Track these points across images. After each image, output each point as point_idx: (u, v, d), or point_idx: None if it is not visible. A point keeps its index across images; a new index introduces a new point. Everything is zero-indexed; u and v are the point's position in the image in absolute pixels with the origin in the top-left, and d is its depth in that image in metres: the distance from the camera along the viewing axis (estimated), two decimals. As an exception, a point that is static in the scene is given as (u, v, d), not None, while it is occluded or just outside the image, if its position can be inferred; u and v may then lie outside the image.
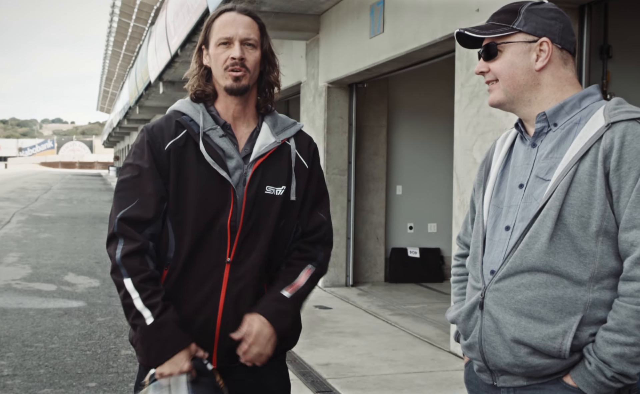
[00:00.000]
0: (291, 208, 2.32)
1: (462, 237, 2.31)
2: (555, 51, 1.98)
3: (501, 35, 2.01)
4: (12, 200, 26.03)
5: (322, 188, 2.44)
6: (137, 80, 23.83)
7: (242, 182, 2.25)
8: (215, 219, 2.22)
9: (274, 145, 2.30)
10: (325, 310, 8.14)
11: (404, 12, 7.09)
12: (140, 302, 2.14)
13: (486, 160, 2.20)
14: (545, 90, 2.00)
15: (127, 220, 2.21)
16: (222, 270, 2.23)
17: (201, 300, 2.23)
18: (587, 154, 1.85)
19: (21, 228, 16.58)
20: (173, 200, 2.24)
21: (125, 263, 2.17)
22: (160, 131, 2.27)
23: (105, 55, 42.87)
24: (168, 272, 2.25)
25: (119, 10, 27.46)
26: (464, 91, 5.88)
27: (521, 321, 1.89)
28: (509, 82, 2.01)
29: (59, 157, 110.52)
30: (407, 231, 10.33)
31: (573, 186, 1.85)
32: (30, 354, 6.04)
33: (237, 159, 2.27)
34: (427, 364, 6.02)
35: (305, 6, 9.04)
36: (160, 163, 2.24)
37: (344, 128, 9.59)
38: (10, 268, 10.62)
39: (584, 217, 1.84)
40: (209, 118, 2.30)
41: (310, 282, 2.32)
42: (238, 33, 2.26)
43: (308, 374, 5.66)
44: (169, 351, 2.13)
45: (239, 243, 2.23)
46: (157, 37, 16.80)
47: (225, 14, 2.31)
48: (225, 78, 2.26)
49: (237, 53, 2.24)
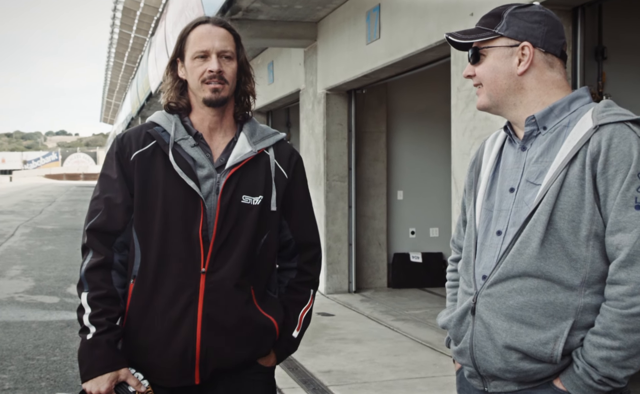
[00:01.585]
0: (271, 219, 2.31)
1: (456, 241, 2.30)
2: (538, 55, 1.98)
3: (484, 40, 2.01)
4: (17, 213, 26.07)
5: (308, 198, 2.46)
6: (139, 90, 23.92)
7: (214, 191, 2.24)
8: (184, 230, 2.21)
9: (249, 154, 2.29)
10: (327, 317, 8.14)
11: (399, 17, 7.09)
12: (87, 318, 2.18)
13: (475, 161, 2.19)
14: (530, 93, 1.99)
15: (94, 231, 2.24)
16: (198, 281, 2.21)
17: (179, 312, 2.21)
18: (576, 157, 1.85)
19: (25, 240, 16.61)
20: (138, 211, 2.25)
21: (88, 277, 2.22)
22: (129, 141, 2.29)
23: (107, 67, 42.95)
24: (135, 285, 2.24)
25: (119, 22, 27.50)
26: (460, 95, 5.89)
27: (513, 326, 1.89)
28: (492, 87, 2.02)
29: (63, 169, 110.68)
30: (409, 237, 10.32)
31: (563, 190, 1.85)
32: (32, 367, 6.05)
33: (208, 168, 2.26)
34: (429, 369, 6.01)
35: (302, 14, 9.06)
36: (127, 174, 2.25)
37: (343, 134, 9.59)
38: (13, 281, 10.64)
39: (575, 221, 1.84)
40: (182, 128, 2.29)
41: (312, 304, 2.44)
42: (215, 46, 2.26)
43: (310, 381, 5.65)
44: (96, 370, 2.15)
45: (213, 253, 2.21)
46: (157, 48, 16.86)
47: (200, 26, 2.30)
48: (203, 90, 2.26)
49: (215, 66, 2.24)
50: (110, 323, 2.18)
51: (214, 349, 2.21)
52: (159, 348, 2.21)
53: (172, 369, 2.21)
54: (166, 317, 2.21)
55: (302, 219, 2.41)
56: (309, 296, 2.41)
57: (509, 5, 2.04)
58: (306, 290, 2.41)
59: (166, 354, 2.21)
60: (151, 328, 2.22)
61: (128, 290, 2.25)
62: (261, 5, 8.43)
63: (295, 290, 2.39)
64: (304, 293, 2.40)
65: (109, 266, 2.22)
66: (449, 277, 2.33)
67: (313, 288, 2.43)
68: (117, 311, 2.21)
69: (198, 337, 2.20)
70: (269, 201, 2.30)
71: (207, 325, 2.20)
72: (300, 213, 2.41)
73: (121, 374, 2.17)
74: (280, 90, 11.52)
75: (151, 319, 2.22)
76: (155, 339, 2.21)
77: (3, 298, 9.27)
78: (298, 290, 2.40)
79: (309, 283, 2.41)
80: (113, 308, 2.20)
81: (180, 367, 2.21)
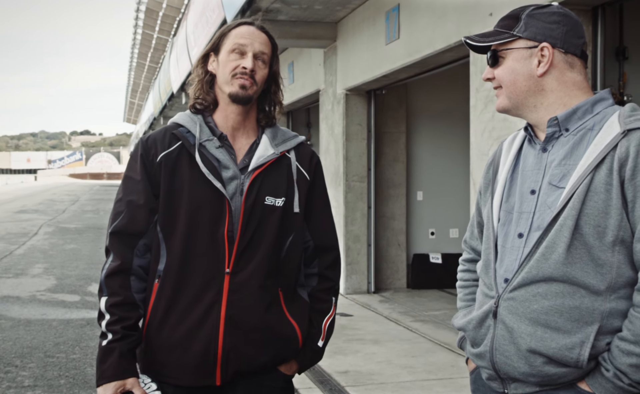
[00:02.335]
0: (295, 220, 2.33)
1: (469, 241, 2.28)
2: (557, 55, 1.95)
3: (502, 42, 1.99)
4: (40, 212, 26.37)
5: (327, 200, 2.47)
6: (161, 91, 24.08)
7: (239, 192, 2.25)
8: (211, 230, 2.23)
9: (272, 156, 2.31)
10: (346, 317, 8.13)
11: (418, 17, 7.07)
12: (105, 325, 2.21)
13: (493, 162, 2.17)
14: (550, 95, 1.97)
15: (117, 233, 2.26)
16: (222, 281, 2.23)
17: (202, 312, 2.22)
18: (603, 162, 1.83)
19: (48, 239, 16.79)
20: (164, 211, 2.26)
21: (107, 282, 2.24)
22: (154, 143, 2.30)
23: (130, 67, 43.31)
24: (160, 284, 2.26)
25: (142, 23, 27.73)
26: (479, 96, 5.85)
27: (537, 330, 1.87)
28: (512, 89, 2.00)
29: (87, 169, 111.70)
30: (428, 237, 10.29)
31: (589, 195, 1.83)
32: (51, 365, 6.11)
33: (233, 169, 2.27)
34: (447, 371, 5.98)
35: (322, 14, 9.07)
36: (152, 175, 2.27)
37: (363, 135, 9.58)
38: (35, 280, 10.76)
39: (601, 227, 1.82)
40: (206, 129, 2.31)
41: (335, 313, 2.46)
42: (254, 46, 2.29)
43: (326, 382, 5.65)
44: (106, 377, 2.19)
45: (237, 254, 2.23)
46: (178, 48, 16.96)
47: (243, 26, 2.33)
48: (231, 84, 2.28)
49: (249, 64, 2.27)
50: (125, 331, 2.20)
51: (235, 350, 2.22)
52: (181, 347, 2.22)
53: (193, 369, 2.22)
54: (189, 316, 2.22)
55: (321, 221, 2.42)
56: (332, 305, 2.42)
57: (527, 6, 2.01)
58: (329, 299, 2.42)
59: (188, 353, 2.22)
60: (174, 327, 2.24)
61: (149, 294, 2.27)
62: (281, 6, 8.44)
63: (317, 299, 2.40)
64: (326, 301, 2.41)
65: (127, 271, 2.24)
66: (460, 277, 2.31)
67: (334, 296, 2.44)
68: (134, 318, 2.23)
69: (220, 338, 2.21)
70: (292, 202, 2.31)
71: (229, 326, 2.21)
72: (320, 216, 2.42)
73: (127, 384, 2.20)
74: (301, 90, 11.54)
75: (174, 318, 2.23)
76: (177, 338, 2.23)
77: (25, 296, 9.38)
78: (321, 299, 2.41)
79: (330, 290, 2.42)
80: (130, 315, 2.22)
81: (202, 367, 2.22)
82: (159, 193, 2.26)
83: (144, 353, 2.28)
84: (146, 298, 2.28)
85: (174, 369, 2.24)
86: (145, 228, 2.26)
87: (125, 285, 2.23)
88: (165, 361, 2.25)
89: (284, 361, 2.33)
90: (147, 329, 2.27)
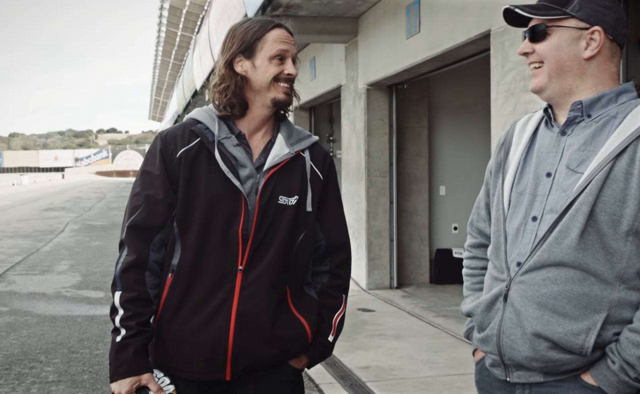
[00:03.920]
0: (307, 219, 2.33)
1: (476, 223, 2.24)
2: (606, 42, 1.90)
3: (552, 18, 1.93)
4: (67, 210, 26.67)
5: (339, 200, 2.47)
6: (185, 88, 24.20)
7: (254, 191, 2.26)
8: (225, 227, 2.24)
9: (287, 155, 2.31)
10: (368, 313, 8.12)
11: (439, 11, 7.03)
12: (119, 320, 2.21)
13: (505, 142, 2.12)
14: (588, 80, 1.92)
15: (134, 227, 2.26)
16: (235, 278, 2.24)
17: (214, 307, 2.23)
18: (625, 151, 1.80)
19: (74, 236, 16.98)
20: (181, 206, 2.27)
21: (122, 277, 2.24)
22: (174, 138, 2.30)
23: (155, 65, 43.55)
24: (173, 279, 2.27)
25: (166, 21, 27.86)
26: (500, 89, 5.80)
27: (544, 314, 1.85)
28: (554, 66, 1.93)
29: (113, 166, 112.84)
30: (451, 232, 10.23)
31: (608, 183, 1.80)
32: (75, 361, 6.18)
33: (250, 168, 2.28)
34: (469, 366, 5.94)
35: (343, 9, 9.05)
36: (171, 171, 2.27)
37: (384, 129, 9.55)
38: (61, 276, 10.89)
39: (616, 215, 1.79)
40: (224, 127, 2.31)
41: (345, 309, 2.47)
42: (292, 51, 2.32)
43: (347, 377, 5.65)
44: (121, 372, 2.19)
45: (250, 251, 2.24)
46: (201, 46, 17.04)
47: (278, 29, 2.32)
48: (275, 90, 2.28)
49: (294, 70, 2.30)
50: (139, 327, 2.21)
51: (245, 346, 2.23)
52: (192, 341, 2.24)
53: (203, 363, 2.24)
54: (201, 311, 2.24)
55: (334, 221, 2.43)
56: (342, 301, 2.44)
57: None
58: (339, 295, 2.44)
59: (198, 347, 2.23)
60: (185, 321, 2.25)
61: (162, 288, 2.28)
62: (301, 2, 8.44)
63: (328, 295, 2.42)
64: (337, 298, 2.43)
65: (143, 266, 2.25)
66: (467, 265, 2.27)
67: (344, 293, 2.46)
68: (148, 313, 2.25)
69: (231, 334, 2.22)
70: (305, 201, 2.32)
71: (240, 322, 2.22)
72: (333, 216, 2.43)
73: (143, 379, 2.21)
74: (322, 86, 11.53)
75: (186, 312, 2.25)
76: (188, 332, 2.24)
77: (50, 292, 9.49)
78: (331, 295, 2.42)
79: (340, 287, 2.44)
80: (144, 311, 2.23)
81: (212, 361, 2.23)
82: (177, 189, 2.27)
83: (155, 346, 2.29)
84: (159, 292, 2.29)
85: (185, 362, 2.26)
86: (163, 223, 2.27)
87: (140, 280, 2.24)
88: (176, 354, 2.26)
89: (293, 356, 2.34)
90: (158, 323, 2.28)
